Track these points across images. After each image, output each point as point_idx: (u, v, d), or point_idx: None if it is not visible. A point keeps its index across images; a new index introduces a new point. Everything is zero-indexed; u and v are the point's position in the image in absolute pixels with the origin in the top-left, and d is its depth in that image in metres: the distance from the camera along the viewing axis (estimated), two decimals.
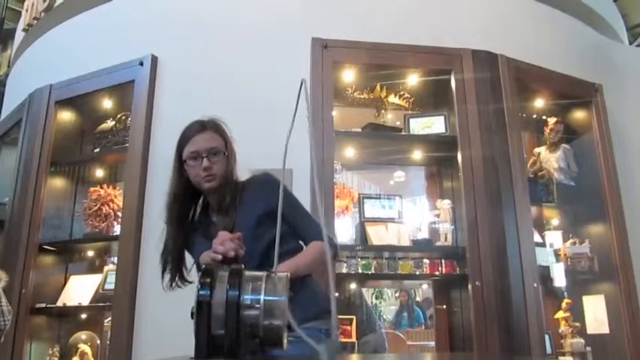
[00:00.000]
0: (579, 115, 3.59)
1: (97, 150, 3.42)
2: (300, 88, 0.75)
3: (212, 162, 1.68)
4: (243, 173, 1.76)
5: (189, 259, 1.73)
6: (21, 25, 4.35)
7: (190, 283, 1.68)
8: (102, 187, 3.33)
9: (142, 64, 3.07)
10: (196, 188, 1.73)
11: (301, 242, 1.72)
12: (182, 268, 1.71)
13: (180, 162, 1.72)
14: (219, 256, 1.30)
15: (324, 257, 1.70)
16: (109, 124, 3.46)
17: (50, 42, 3.78)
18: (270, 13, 3.11)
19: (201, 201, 1.79)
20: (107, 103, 3.44)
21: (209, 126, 1.73)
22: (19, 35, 4.33)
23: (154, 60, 3.07)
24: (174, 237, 1.71)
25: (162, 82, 3.05)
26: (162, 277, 1.70)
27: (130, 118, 3.14)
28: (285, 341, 0.96)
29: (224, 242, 1.32)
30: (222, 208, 1.68)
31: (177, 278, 1.70)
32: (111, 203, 3.27)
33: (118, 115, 3.40)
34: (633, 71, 3.92)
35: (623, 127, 3.61)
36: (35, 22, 3.98)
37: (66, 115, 3.45)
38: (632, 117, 3.73)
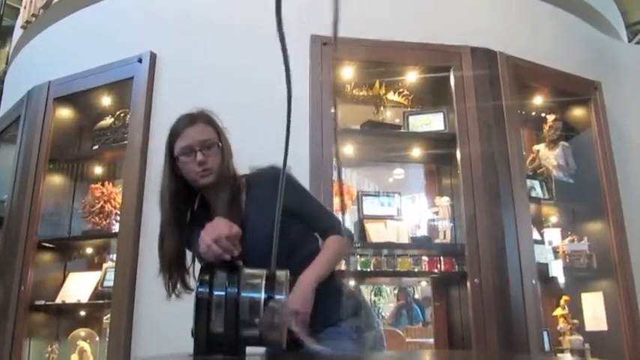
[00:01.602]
0: (578, 112, 3.59)
1: (96, 147, 3.41)
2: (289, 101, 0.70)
3: (206, 156, 1.57)
4: (244, 170, 1.69)
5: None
6: (19, 22, 4.34)
7: (192, 290, 1.52)
8: (103, 185, 3.33)
9: (140, 61, 3.06)
10: (191, 186, 1.63)
11: (316, 235, 1.65)
12: (184, 274, 1.59)
13: (172, 159, 1.61)
14: (212, 254, 1.21)
15: (344, 252, 1.68)
16: (108, 121, 3.45)
17: (48, 39, 3.76)
18: (268, 10, 3.08)
19: (197, 200, 1.69)
20: (106, 100, 3.43)
21: (199, 118, 1.64)
22: (18, 32, 4.32)
23: (153, 57, 3.07)
24: (173, 240, 1.59)
25: (160, 79, 3.05)
26: (168, 287, 1.57)
27: (128, 115, 3.14)
28: (284, 339, 0.96)
29: (219, 240, 1.21)
30: (223, 204, 1.56)
31: (178, 285, 1.58)
32: (113, 201, 3.27)
33: (117, 112, 3.39)
34: (632, 69, 3.92)
35: (621, 125, 3.61)
36: (33, 19, 3.97)
37: (64, 112, 3.45)
38: (631, 114, 3.73)
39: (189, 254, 1.64)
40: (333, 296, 1.56)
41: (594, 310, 3.27)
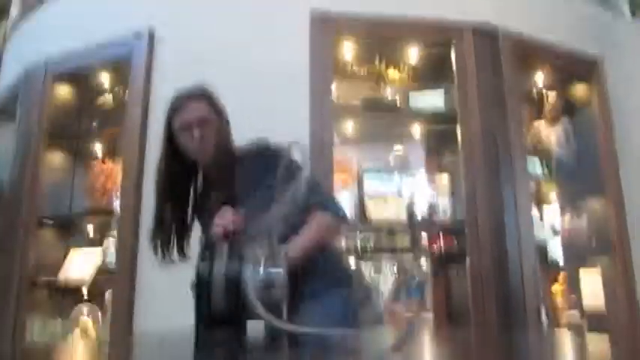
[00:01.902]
0: (579, 89, 3.57)
1: (95, 124, 3.40)
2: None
3: (203, 132, 1.59)
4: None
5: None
6: None
7: (188, 258, 1.63)
8: (104, 162, 3.33)
9: (139, 37, 3.03)
10: (191, 161, 1.66)
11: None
12: (183, 242, 1.66)
13: (169, 134, 1.64)
14: (221, 229, 1.30)
15: (329, 232, 1.63)
16: (107, 97, 3.44)
17: (46, 16, 3.72)
18: None
19: (201, 176, 1.73)
20: (105, 77, 3.42)
21: (196, 94, 1.66)
22: (15, 8, 4.27)
23: (152, 34, 3.04)
24: (171, 210, 1.65)
25: (159, 56, 3.03)
26: (163, 251, 1.63)
27: (127, 93, 3.12)
28: (284, 312, 0.97)
29: (225, 216, 1.32)
30: (220, 180, 1.61)
31: (174, 250, 1.64)
32: (114, 178, 3.27)
33: (116, 89, 3.37)
34: (634, 45, 3.88)
35: (623, 102, 3.59)
36: None
37: (63, 90, 3.43)
38: (633, 91, 3.71)
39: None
40: (318, 270, 1.55)
41: (592, 286, 3.30)
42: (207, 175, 1.70)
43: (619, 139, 3.37)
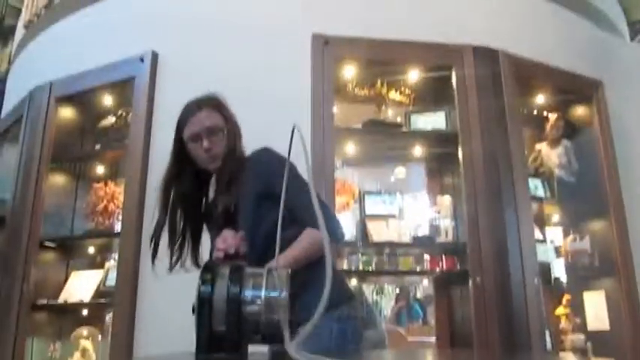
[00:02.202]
0: (580, 111, 3.58)
1: (98, 147, 3.42)
2: (292, 133, 0.73)
3: (212, 142, 1.62)
4: None
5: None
6: (21, 21, 4.34)
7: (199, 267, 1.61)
8: (106, 185, 3.33)
9: (142, 60, 3.06)
10: (202, 169, 1.68)
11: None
12: (197, 250, 1.67)
13: (180, 143, 1.67)
14: (222, 254, 1.30)
15: (321, 245, 1.62)
16: (110, 120, 3.46)
17: (50, 39, 3.77)
18: (270, 10, 3.11)
19: (212, 183, 1.74)
20: (108, 100, 3.44)
21: (205, 104, 1.69)
22: (20, 32, 4.33)
23: (155, 56, 3.07)
24: (187, 216, 1.67)
25: (162, 79, 3.05)
26: (177, 259, 1.64)
27: (130, 115, 3.14)
28: (287, 337, 0.96)
29: (226, 239, 1.32)
30: (222, 187, 1.61)
31: (185, 258, 1.65)
32: (116, 201, 3.27)
33: (119, 112, 3.40)
34: (634, 67, 3.91)
35: (624, 123, 3.60)
36: (36, 18, 3.97)
37: (66, 112, 3.45)
38: (633, 113, 3.73)
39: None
40: (314, 289, 1.53)
41: (596, 309, 3.27)
42: (217, 182, 1.70)
43: (620, 160, 3.38)
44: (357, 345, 1.61)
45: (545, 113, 3.59)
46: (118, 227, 3.17)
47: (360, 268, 2.96)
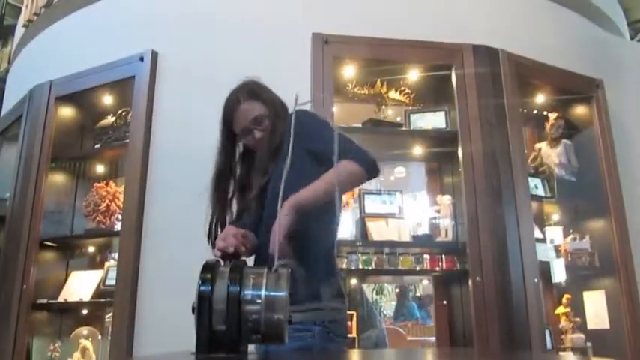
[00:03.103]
0: (580, 110, 3.58)
1: (98, 146, 3.42)
2: (292, 119, 0.73)
3: (262, 130, 1.70)
4: None
5: None
6: (21, 21, 4.34)
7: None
8: (107, 184, 3.33)
9: (142, 59, 3.06)
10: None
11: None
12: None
13: (227, 137, 1.75)
14: (219, 252, 1.30)
15: (349, 177, 1.62)
16: (110, 119, 3.46)
17: (50, 38, 3.77)
18: (270, 9, 3.11)
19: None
20: (107, 99, 3.44)
21: (243, 97, 1.74)
22: (20, 31, 4.33)
23: (154, 55, 3.07)
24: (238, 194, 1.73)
25: (162, 78, 3.05)
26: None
27: (130, 114, 3.14)
28: (286, 336, 0.96)
29: (226, 238, 1.32)
30: (261, 162, 1.71)
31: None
32: (117, 200, 3.27)
33: (119, 111, 3.40)
34: (634, 66, 3.91)
35: (624, 123, 3.60)
36: (35, 17, 3.97)
37: (66, 111, 3.45)
38: (633, 112, 3.73)
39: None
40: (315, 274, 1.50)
41: (596, 308, 3.27)
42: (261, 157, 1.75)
43: (620, 160, 3.37)
44: (342, 343, 1.56)
45: (545, 112, 3.59)
46: (118, 227, 3.18)
47: (360, 267, 2.95)
